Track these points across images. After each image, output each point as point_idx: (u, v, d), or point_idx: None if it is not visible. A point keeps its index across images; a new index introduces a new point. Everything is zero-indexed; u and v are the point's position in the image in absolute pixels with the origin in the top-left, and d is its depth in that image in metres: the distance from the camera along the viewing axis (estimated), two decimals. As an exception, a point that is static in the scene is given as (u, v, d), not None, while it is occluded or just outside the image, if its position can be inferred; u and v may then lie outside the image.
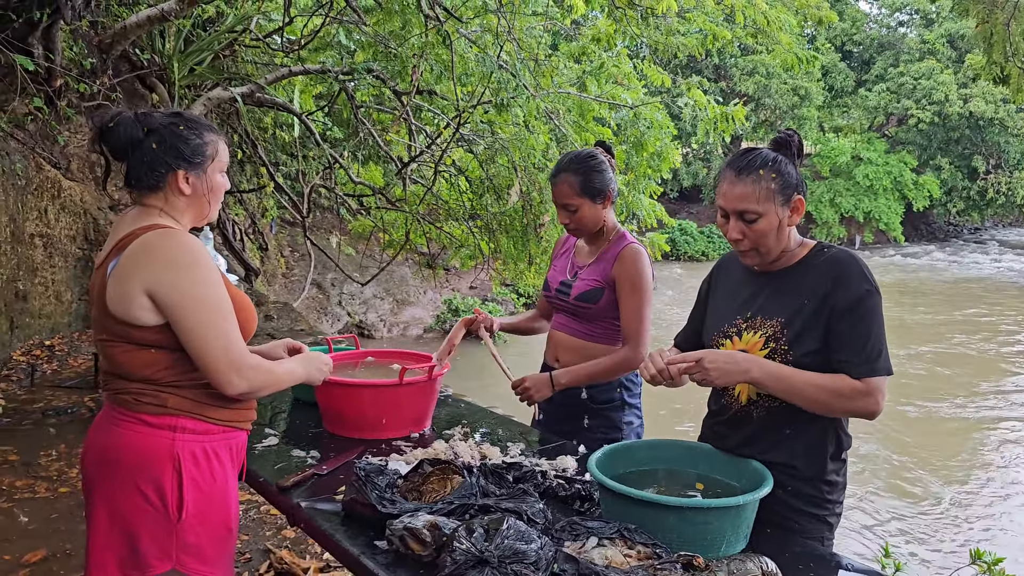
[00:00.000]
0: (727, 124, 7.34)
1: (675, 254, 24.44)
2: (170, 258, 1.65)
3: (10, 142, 5.89)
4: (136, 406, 1.70)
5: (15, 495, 3.86)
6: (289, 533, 3.54)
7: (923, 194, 29.51)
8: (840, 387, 1.75)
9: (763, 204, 1.79)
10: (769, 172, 1.80)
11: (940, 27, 31.28)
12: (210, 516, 1.74)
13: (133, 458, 1.69)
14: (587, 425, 2.62)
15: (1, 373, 5.62)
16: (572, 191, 2.51)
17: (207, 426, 1.75)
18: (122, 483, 1.69)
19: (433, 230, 8.27)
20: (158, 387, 1.70)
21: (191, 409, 1.72)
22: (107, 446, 1.72)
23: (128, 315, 1.65)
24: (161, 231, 1.69)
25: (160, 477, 1.68)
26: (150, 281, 1.64)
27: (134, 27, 6.08)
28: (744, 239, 1.83)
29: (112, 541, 1.69)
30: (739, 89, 28.15)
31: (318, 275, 12.79)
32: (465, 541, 1.45)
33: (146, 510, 1.68)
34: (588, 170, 2.50)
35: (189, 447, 1.71)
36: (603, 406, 2.62)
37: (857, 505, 6.76)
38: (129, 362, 1.69)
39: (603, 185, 2.51)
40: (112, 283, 1.66)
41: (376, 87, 7.46)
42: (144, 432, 1.69)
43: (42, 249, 6.24)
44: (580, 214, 2.53)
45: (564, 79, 7.36)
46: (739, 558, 1.52)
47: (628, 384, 2.64)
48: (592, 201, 2.51)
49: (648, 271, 2.52)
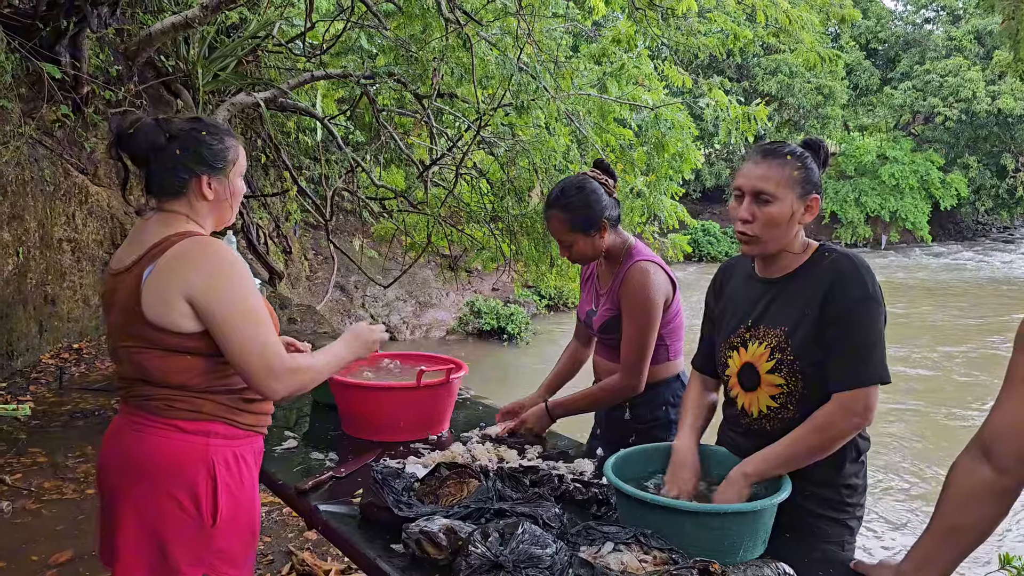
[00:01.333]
0: (749, 124, 7.29)
1: (697, 255, 24.30)
2: (210, 266, 1.66)
3: (38, 148, 5.99)
4: (169, 412, 1.70)
5: (43, 496, 3.92)
6: (311, 535, 3.56)
7: (950, 193, 29.12)
8: (819, 422, 1.72)
9: (781, 189, 1.77)
10: (795, 161, 1.80)
11: (967, 23, 30.86)
12: (239, 520, 1.76)
13: (165, 464, 1.68)
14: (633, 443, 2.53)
15: (30, 376, 5.72)
16: (563, 227, 2.39)
17: (236, 431, 1.76)
18: (153, 490, 1.68)
19: (455, 232, 8.29)
20: (193, 393, 1.70)
21: (224, 414, 1.73)
22: (136, 453, 1.71)
23: (167, 322, 1.65)
24: (197, 239, 1.70)
25: (195, 483, 1.68)
26: (190, 289, 1.64)
27: (159, 34, 6.16)
28: (753, 222, 1.80)
29: (142, 549, 1.68)
30: (762, 89, 27.93)
31: (341, 278, 12.86)
32: (480, 545, 1.45)
33: (178, 516, 1.68)
34: (575, 206, 2.36)
35: (222, 452, 1.72)
36: (648, 425, 2.51)
37: (875, 508, 6.68)
38: (163, 368, 1.68)
39: (593, 217, 2.37)
40: (149, 290, 1.66)
41: (397, 91, 7.50)
42: (178, 438, 1.69)
43: (70, 254, 6.34)
44: (576, 248, 2.41)
45: (584, 81, 7.35)
46: (756, 564, 1.51)
47: (675, 401, 2.52)
48: (585, 235, 2.38)
49: (653, 290, 2.36)
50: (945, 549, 1.43)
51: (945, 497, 1.43)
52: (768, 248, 1.83)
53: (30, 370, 5.79)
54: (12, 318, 5.63)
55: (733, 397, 1.93)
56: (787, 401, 1.82)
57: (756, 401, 1.86)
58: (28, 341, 5.85)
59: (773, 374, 1.81)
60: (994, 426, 1.37)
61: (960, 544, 1.42)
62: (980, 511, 1.38)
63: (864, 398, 1.70)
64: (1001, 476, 1.35)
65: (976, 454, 1.39)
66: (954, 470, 1.43)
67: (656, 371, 2.46)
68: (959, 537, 1.41)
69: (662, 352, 2.46)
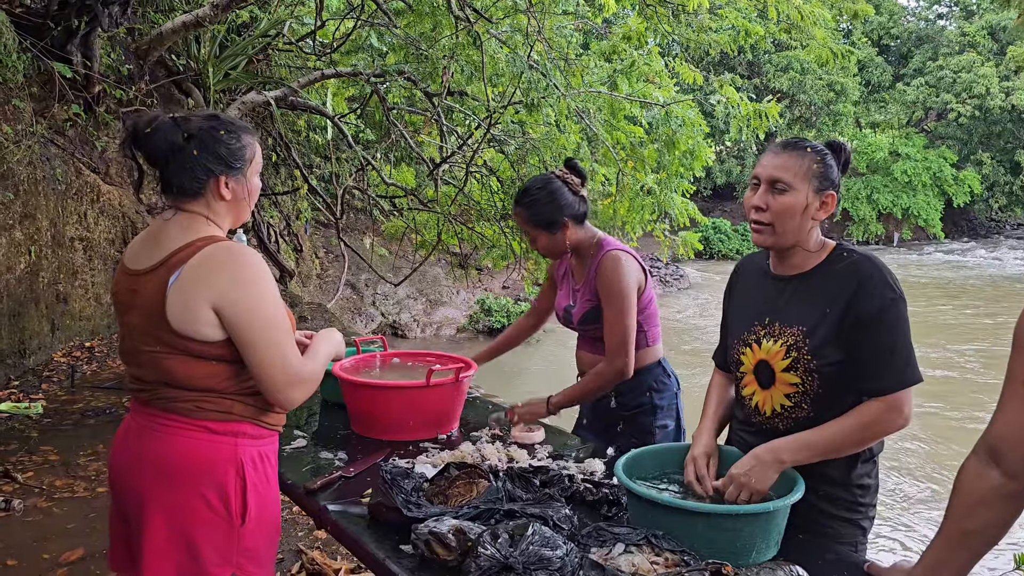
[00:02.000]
0: (761, 121, 7.24)
1: (708, 253, 24.23)
2: (237, 275, 1.65)
3: (50, 148, 6.01)
4: (198, 413, 1.69)
5: (55, 494, 3.94)
6: (320, 534, 3.56)
7: (963, 190, 28.93)
8: (866, 419, 1.72)
9: (798, 179, 1.77)
10: (815, 155, 1.79)
11: (981, 19, 30.63)
12: (265, 519, 1.76)
13: (195, 465, 1.68)
14: (620, 431, 2.62)
15: (42, 374, 5.75)
16: (525, 224, 2.53)
17: (262, 431, 1.76)
18: (182, 490, 1.67)
19: (465, 231, 8.29)
20: (222, 395, 1.70)
21: (252, 415, 1.74)
22: (164, 454, 1.69)
23: (192, 331, 1.64)
24: (222, 245, 1.68)
25: (224, 483, 1.68)
26: (216, 297, 1.63)
27: (170, 33, 6.18)
28: (766, 210, 1.80)
29: (171, 550, 1.67)
30: (773, 86, 27.83)
31: (352, 276, 12.88)
32: (490, 547, 1.44)
33: (208, 517, 1.67)
34: (533, 203, 2.50)
35: (249, 452, 1.72)
36: (633, 411, 2.60)
37: (890, 509, 6.63)
38: (189, 373, 1.67)
39: (552, 215, 2.48)
40: (174, 296, 1.64)
41: (407, 89, 7.50)
42: (207, 439, 1.69)
43: (82, 252, 6.37)
44: (540, 243, 2.55)
45: (595, 78, 7.32)
46: (769, 566, 1.50)
47: (658, 386, 2.61)
48: (547, 231, 2.51)
49: (627, 276, 2.45)
50: (957, 553, 1.41)
51: (955, 502, 1.41)
52: (780, 240, 1.82)
53: (42, 368, 5.82)
54: (24, 316, 5.65)
55: (748, 395, 1.91)
56: (802, 400, 1.80)
57: (770, 399, 1.85)
58: (40, 339, 5.87)
59: (788, 372, 1.80)
60: (999, 430, 1.36)
61: (972, 548, 1.40)
62: (990, 515, 1.37)
63: (908, 399, 1.71)
64: (1010, 480, 1.34)
65: (984, 458, 1.38)
66: (962, 474, 1.41)
67: (638, 357, 2.52)
68: (970, 542, 1.40)
69: (641, 339, 2.54)
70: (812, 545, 1.71)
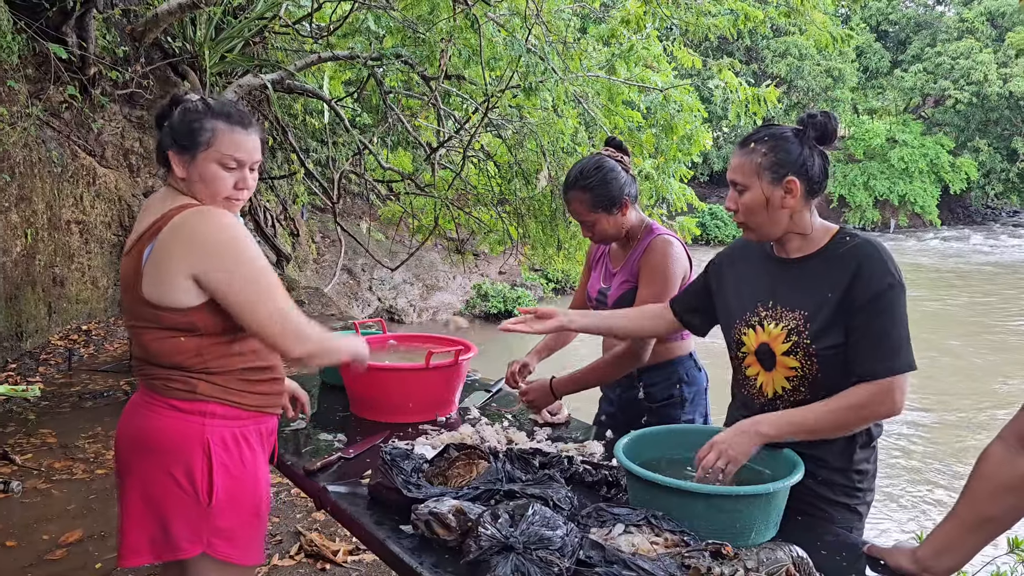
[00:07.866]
0: (759, 106, 7.22)
1: (705, 238, 24.22)
2: (209, 239, 1.65)
3: (46, 130, 5.98)
4: (166, 391, 1.71)
5: (53, 476, 3.94)
6: (319, 516, 3.58)
7: (960, 176, 28.93)
8: (853, 402, 1.71)
9: (749, 177, 1.79)
10: (760, 147, 1.79)
11: (979, 5, 30.52)
12: (240, 500, 1.75)
13: (164, 443, 1.70)
14: (645, 423, 2.49)
15: (40, 357, 5.75)
16: (584, 208, 2.39)
17: (237, 412, 1.75)
18: (155, 467, 1.70)
19: (462, 215, 8.28)
20: (188, 373, 1.71)
21: (220, 395, 1.73)
22: (140, 430, 1.73)
23: (164, 300, 1.65)
24: (192, 210, 1.68)
25: (190, 462, 1.69)
26: (194, 267, 1.63)
27: (166, 15, 6.13)
28: (737, 211, 1.84)
29: (145, 523, 1.71)
30: (771, 71, 27.74)
31: (348, 261, 12.86)
32: (490, 527, 1.44)
33: (178, 494, 1.69)
34: (595, 184, 2.37)
35: (219, 433, 1.72)
36: (661, 404, 2.50)
37: (887, 493, 6.68)
38: (159, 349, 1.70)
39: (614, 194, 2.37)
40: (149, 269, 1.66)
41: (405, 72, 7.46)
42: (175, 417, 1.71)
43: (78, 235, 6.35)
44: (599, 227, 2.42)
45: (593, 62, 7.29)
46: (769, 546, 1.50)
47: (689, 379, 2.52)
48: (608, 213, 2.39)
49: (674, 263, 2.35)
50: (972, 538, 1.41)
51: (976, 487, 1.40)
52: (762, 235, 1.85)
53: (39, 351, 5.82)
54: (21, 299, 5.64)
55: (752, 375, 1.91)
56: (800, 384, 1.80)
57: (772, 381, 1.85)
58: (37, 322, 5.87)
59: (788, 356, 1.80)
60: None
61: (988, 533, 1.40)
62: (1015, 502, 1.36)
63: (901, 385, 1.70)
64: None
65: (1014, 445, 1.36)
66: (987, 460, 1.40)
67: (670, 348, 2.46)
68: (989, 527, 1.39)
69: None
70: (810, 527, 1.72)
